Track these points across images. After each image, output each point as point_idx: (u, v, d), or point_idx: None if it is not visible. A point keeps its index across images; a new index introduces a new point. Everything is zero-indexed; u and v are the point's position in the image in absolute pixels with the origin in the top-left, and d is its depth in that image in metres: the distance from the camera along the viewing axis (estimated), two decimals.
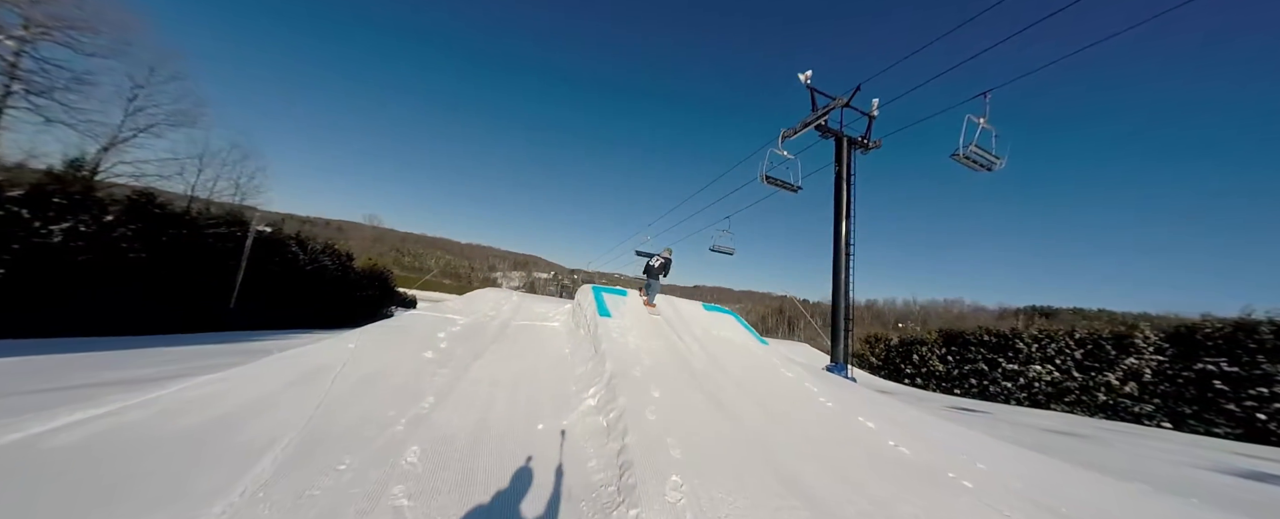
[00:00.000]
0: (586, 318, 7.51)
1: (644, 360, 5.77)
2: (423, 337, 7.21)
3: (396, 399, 4.80)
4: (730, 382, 5.72)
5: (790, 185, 11.51)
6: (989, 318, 33.32)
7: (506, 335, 7.95)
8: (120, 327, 14.52)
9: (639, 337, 6.68)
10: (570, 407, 4.96)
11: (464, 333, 7.79)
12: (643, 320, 7.50)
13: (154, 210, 17.35)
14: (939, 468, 4.52)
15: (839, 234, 11.71)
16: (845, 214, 11.70)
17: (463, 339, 7.41)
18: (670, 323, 7.87)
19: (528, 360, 6.63)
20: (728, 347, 7.14)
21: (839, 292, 11.60)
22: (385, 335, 7.00)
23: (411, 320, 8.04)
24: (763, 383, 5.93)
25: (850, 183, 11.80)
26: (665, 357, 6.12)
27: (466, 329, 8.04)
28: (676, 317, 8.21)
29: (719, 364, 6.25)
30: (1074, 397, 15.17)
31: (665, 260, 9.56)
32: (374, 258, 41.97)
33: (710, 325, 8.08)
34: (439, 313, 8.75)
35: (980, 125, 11.58)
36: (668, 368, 5.68)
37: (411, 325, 7.71)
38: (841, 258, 11.62)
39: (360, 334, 6.89)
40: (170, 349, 10.49)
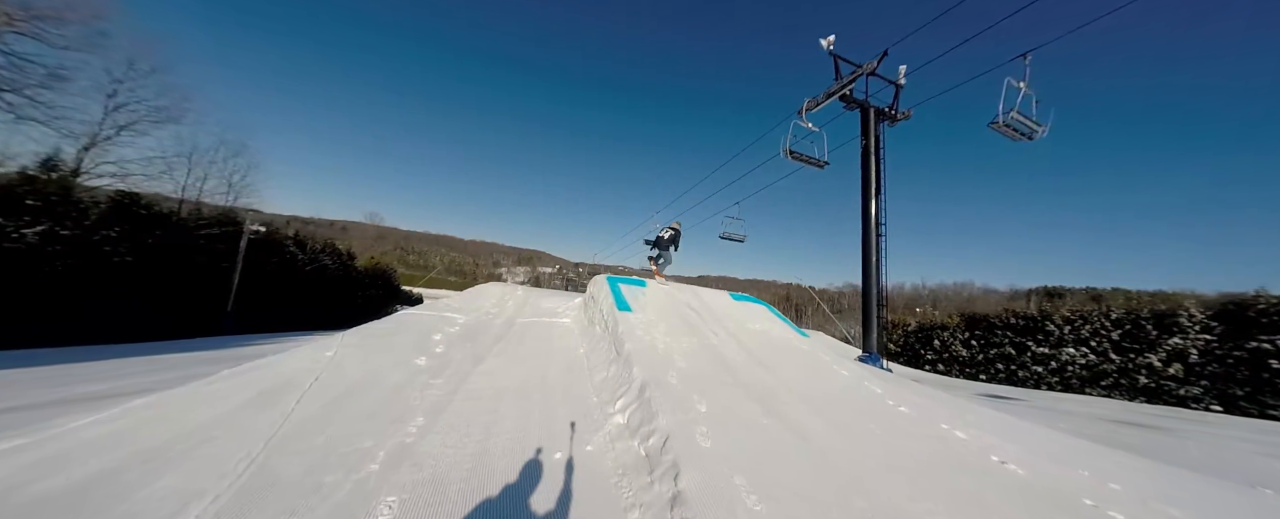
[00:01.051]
0: (602, 313, 6.43)
1: (677, 363, 4.70)
2: (415, 340, 6.15)
3: (375, 423, 3.74)
4: (781, 385, 4.65)
5: (816, 161, 10.37)
6: (1000, 300, 32.23)
7: (512, 335, 6.87)
8: (103, 335, 13.49)
9: (666, 333, 5.61)
10: (593, 424, 3.89)
11: (464, 333, 6.72)
12: (667, 313, 6.43)
13: (139, 212, 16.25)
14: (1067, 491, 3.45)
15: (868, 213, 10.58)
16: (874, 191, 10.56)
17: (462, 341, 6.34)
18: (697, 315, 6.79)
19: (537, 364, 5.56)
20: (767, 342, 6.08)
21: (870, 276, 10.50)
22: (371, 339, 5.93)
23: (404, 321, 6.97)
24: (819, 386, 4.86)
25: (879, 156, 10.65)
26: (701, 358, 5.04)
27: (467, 329, 6.96)
28: (703, 308, 7.14)
29: (764, 364, 5.18)
30: (1112, 380, 14.11)
31: (675, 232, 8.90)
32: (377, 256, 40.91)
33: (742, 318, 7.02)
34: (436, 311, 7.68)
35: (1022, 90, 10.40)
36: (707, 372, 4.60)
37: (403, 327, 6.65)
38: (872, 239, 10.51)
39: (342, 339, 5.83)
40: (145, 359, 9.44)
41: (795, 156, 10.14)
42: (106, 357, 10.12)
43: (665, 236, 8.81)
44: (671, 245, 8.74)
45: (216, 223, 19.48)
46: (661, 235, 8.93)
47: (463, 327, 7.07)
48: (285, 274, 22.44)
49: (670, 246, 8.71)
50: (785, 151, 10.11)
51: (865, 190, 10.73)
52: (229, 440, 3.22)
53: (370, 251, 41.19)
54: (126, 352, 11.23)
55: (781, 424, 3.69)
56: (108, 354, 10.49)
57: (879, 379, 5.74)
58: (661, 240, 8.79)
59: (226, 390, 4.13)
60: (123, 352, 11.16)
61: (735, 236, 18.02)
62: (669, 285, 7.84)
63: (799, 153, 10.12)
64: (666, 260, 8.89)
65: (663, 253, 8.74)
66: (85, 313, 13.59)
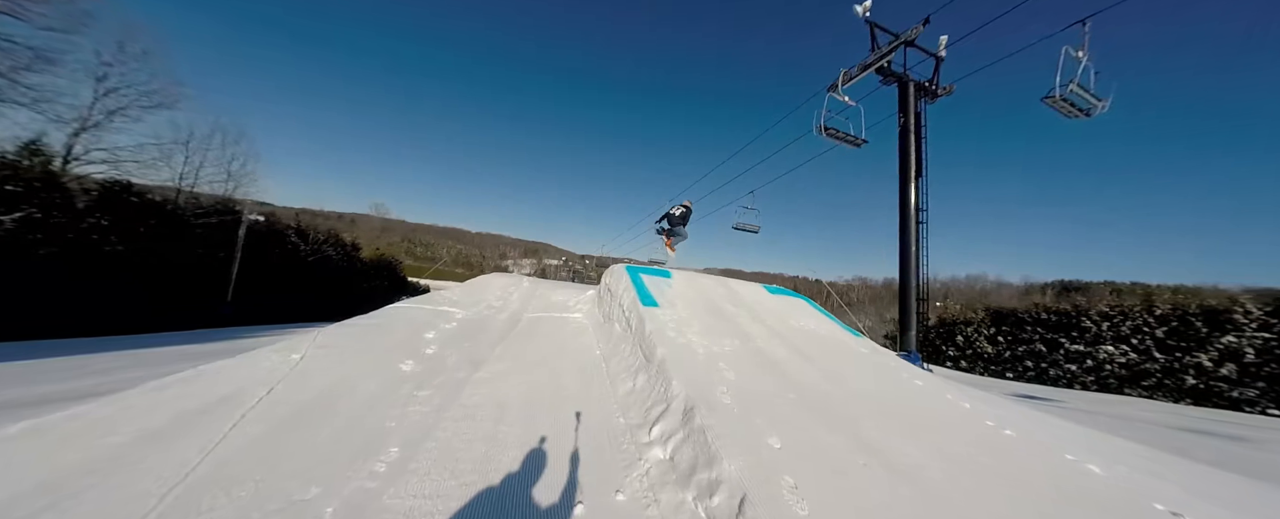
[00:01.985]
0: (622, 308, 5.38)
1: (724, 374, 3.65)
2: (403, 338, 5.12)
3: (332, 458, 2.72)
4: (856, 401, 3.60)
5: (853, 138, 9.23)
6: (1014, 293, 31.07)
7: (517, 333, 5.84)
8: (93, 327, 12.60)
9: (702, 334, 4.55)
10: (623, 458, 2.86)
11: (461, 331, 5.69)
12: (699, 309, 5.38)
13: (130, 199, 15.29)
14: None
15: (907, 197, 9.45)
16: (914, 173, 9.42)
17: (458, 340, 5.31)
18: (734, 311, 5.75)
19: (547, 370, 4.53)
20: (820, 344, 5.03)
21: (908, 268, 9.40)
22: (349, 338, 4.91)
23: (393, 315, 5.95)
24: (897, 401, 3.81)
25: (920, 135, 9.50)
26: (749, 366, 3.99)
27: (465, 326, 5.93)
28: (739, 303, 6.09)
29: (827, 373, 4.12)
30: (1155, 380, 12.98)
31: (686, 209, 8.76)
32: (383, 248, 40.02)
33: (784, 313, 5.97)
34: (431, 305, 6.65)
35: (1081, 60, 9.18)
36: (763, 387, 3.54)
37: (391, 323, 5.62)
38: (911, 226, 9.39)
39: (315, 337, 4.81)
40: (119, 354, 8.48)
41: (830, 134, 9.01)
42: (81, 351, 9.19)
43: (676, 214, 8.64)
44: (682, 223, 8.58)
45: (214, 212, 18.52)
46: (672, 213, 8.72)
47: (460, 323, 6.04)
48: (287, 265, 21.53)
49: (680, 224, 8.55)
50: (819, 129, 8.98)
51: (903, 173, 9.59)
52: (105, 493, 2.21)
53: (377, 243, 40.33)
54: (106, 345, 10.31)
55: (881, 464, 2.64)
56: (83, 348, 9.57)
57: (953, 387, 4.69)
58: (672, 218, 8.61)
59: (139, 411, 3.12)
60: (102, 345, 10.24)
61: (749, 227, 16.94)
62: (695, 275, 6.81)
63: (835, 129, 8.99)
64: (680, 237, 8.75)
65: (675, 230, 8.59)
66: (72, 304, 12.69)
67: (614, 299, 5.81)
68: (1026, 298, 28.45)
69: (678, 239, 8.98)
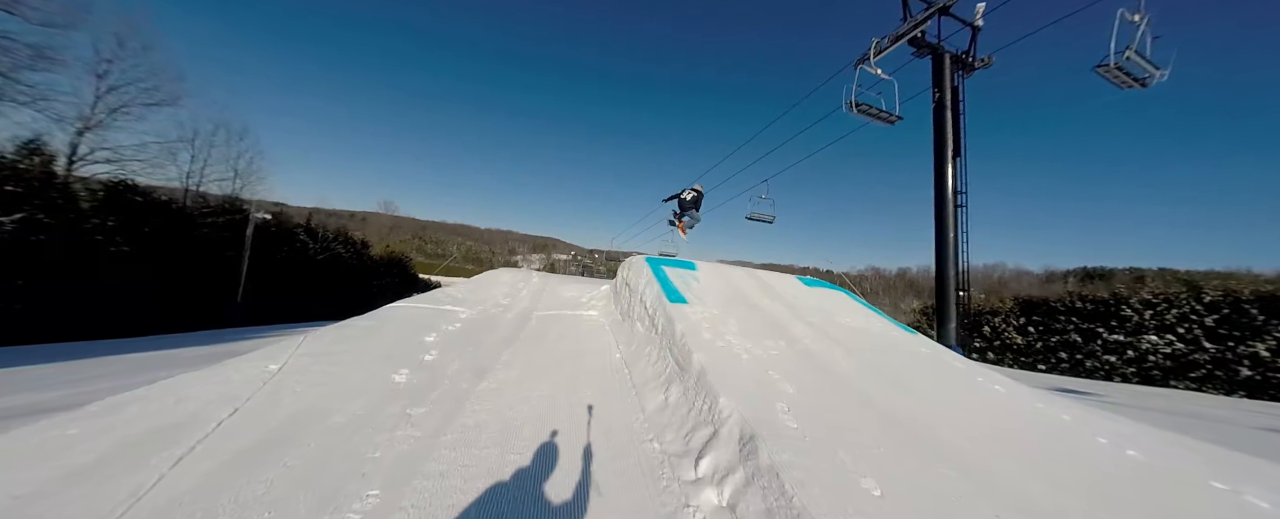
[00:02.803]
0: (645, 306, 4.69)
1: (780, 386, 2.95)
2: (399, 342, 4.49)
3: (291, 503, 2.09)
4: (944, 420, 2.88)
5: (886, 115, 8.41)
6: (1034, 281, 29.87)
7: (527, 334, 5.18)
8: (99, 329, 12.23)
9: (742, 335, 3.84)
10: (665, 503, 2.19)
11: (465, 333, 5.05)
12: (733, 305, 4.67)
13: (134, 199, 14.89)
14: None
15: (943, 179, 8.63)
16: (951, 152, 8.58)
17: (461, 344, 4.67)
18: (769, 304, 5.03)
19: (562, 380, 3.86)
20: (875, 344, 4.31)
21: (946, 254, 8.60)
22: (341, 344, 4.29)
23: (390, 316, 5.32)
24: (994, 419, 3.09)
25: (958, 111, 8.65)
26: (807, 375, 3.28)
27: (469, 327, 5.29)
28: (773, 296, 5.37)
29: (896, 382, 3.41)
30: (1204, 372, 12.05)
31: (697, 194, 8.56)
32: (393, 245, 39.73)
33: (828, 309, 5.24)
34: (433, 304, 6.02)
35: (1139, 26, 8.24)
36: (832, 403, 2.84)
37: (388, 325, 4.99)
38: (948, 210, 8.57)
39: (301, 343, 4.20)
40: (106, 360, 7.99)
41: (862, 110, 8.19)
42: (82, 355, 8.75)
43: (687, 198, 8.47)
44: (694, 206, 8.44)
45: (222, 211, 18.14)
46: (684, 197, 8.55)
47: (465, 324, 5.40)
48: (296, 263, 21.16)
49: (692, 208, 8.41)
50: (849, 105, 8.16)
51: (939, 152, 8.75)
52: None
53: (387, 241, 40.05)
54: (109, 348, 9.88)
55: (1020, 512, 1.93)
56: (84, 352, 9.13)
57: (1035, 392, 3.95)
58: (684, 201, 8.46)
59: (78, 438, 2.51)
60: (104, 349, 9.82)
61: (763, 217, 16.18)
62: (722, 266, 6.11)
63: (867, 105, 8.16)
64: (693, 220, 8.63)
65: (687, 213, 8.46)
66: (78, 306, 12.33)
67: (633, 295, 5.12)
68: (1048, 286, 27.30)
69: (691, 222, 8.79)
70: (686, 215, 8.74)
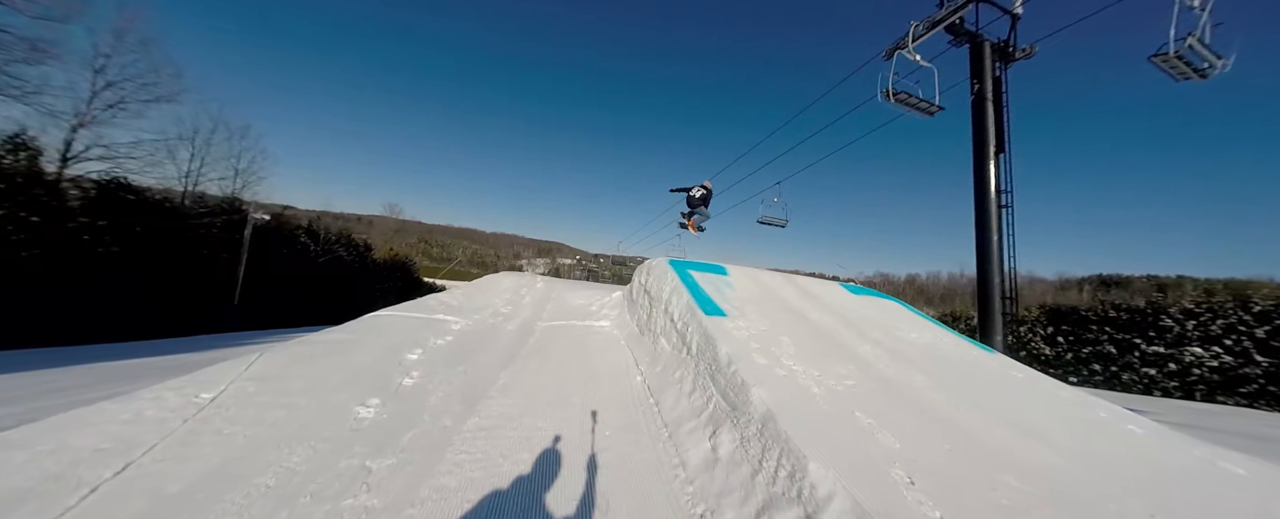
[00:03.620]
0: (673, 319, 3.82)
1: (880, 438, 2.08)
2: (376, 362, 3.65)
3: None
4: (1097, 476, 2.01)
5: (925, 105, 7.56)
6: (1048, 288, 28.79)
7: (529, 350, 4.33)
8: (81, 333, 11.47)
9: (802, 358, 2.95)
10: None
11: (456, 348, 4.20)
12: (779, 317, 3.76)
13: (127, 198, 14.19)
14: None
15: (984, 177, 7.76)
16: (994, 148, 7.72)
17: (451, 363, 3.82)
18: (817, 316, 4.17)
19: (571, 416, 3.00)
20: (956, 367, 3.42)
21: (989, 259, 7.71)
22: (301, 365, 3.45)
23: (371, 328, 4.47)
24: (1126, 458, 2.22)
25: (1001, 103, 7.80)
26: (905, 418, 2.40)
27: (462, 341, 4.44)
28: (820, 306, 4.48)
29: (1013, 421, 2.53)
30: (1256, 387, 11.04)
31: (706, 191, 8.43)
32: (398, 248, 39.02)
33: (885, 323, 4.34)
34: (423, 312, 5.17)
35: (1201, 13, 7.43)
36: (960, 465, 1.97)
37: (366, 338, 4.15)
38: (990, 210, 7.70)
39: (252, 363, 3.37)
40: (100, 366, 7.19)
41: (899, 100, 7.36)
42: (47, 363, 7.96)
43: (696, 195, 8.36)
44: (703, 204, 8.34)
45: (220, 211, 17.43)
46: (693, 194, 8.42)
47: (458, 337, 4.55)
48: (296, 266, 20.41)
49: (701, 204, 8.33)
50: (885, 94, 7.32)
51: (979, 148, 7.89)
52: None
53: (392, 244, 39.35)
54: (81, 356, 9.08)
55: None
56: (51, 360, 8.34)
57: (1160, 428, 3.07)
58: (692, 199, 8.37)
59: None
60: (75, 356, 9.01)
61: (775, 221, 15.38)
62: (754, 270, 5.26)
63: (905, 94, 7.32)
64: (702, 218, 8.51)
65: (696, 210, 8.36)
66: (61, 309, 11.58)
67: (655, 305, 4.27)
68: (1064, 293, 26.26)
69: (701, 220, 8.58)
70: (696, 213, 8.55)
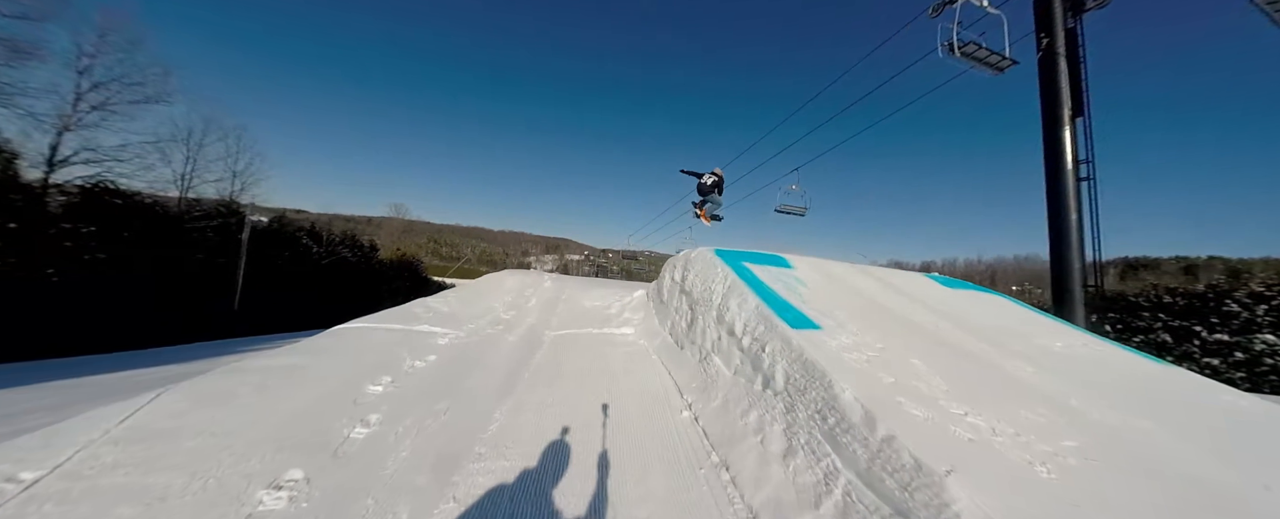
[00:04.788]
0: (737, 332, 2.65)
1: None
2: (319, 402, 2.55)
3: None
4: None
5: (996, 59, 6.31)
6: None
7: (535, 370, 3.22)
8: (65, 345, 10.58)
9: (962, 398, 1.83)
10: None
11: (437, 375, 3.10)
12: (886, 328, 2.60)
13: (114, 202, 13.25)
14: None
15: (1057, 146, 6.53)
16: (1069, 111, 6.48)
17: (428, 397, 2.71)
18: (934, 321, 3.00)
19: (589, 492, 1.90)
20: (1152, 393, 2.29)
21: (1066, 243, 6.50)
22: (207, 408, 2.35)
23: (331, 347, 3.38)
24: None
25: (1078, 59, 6.56)
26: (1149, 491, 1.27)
27: (448, 361, 3.34)
28: (926, 307, 3.30)
29: None
30: None
31: (717, 178, 8.15)
32: (404, 248, 38.14)
33: (1017, 327, 3.18)
34: (404, 323, 4.07)
35: None
36: None
37: (319, 361, 3.05)
38: (1067, 184, 6.47)
39: (137, 408, 2.31)
40: (73, 383, 6.19)
41: (966, 53, 6.12)
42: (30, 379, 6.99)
43: (708, 182, 8.08)
44: (715, 191, 8.10)
45: (216, 214, 16.48)
46: (704, 181, 8.11)
47: (444, 354, 3.44)
48: (299, 268, 19.47)
49: (713, 191, 8.09)
50: (949, 47, 6.08)
51: (1050, 112, 6.64)
52: None
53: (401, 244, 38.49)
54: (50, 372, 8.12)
55: None
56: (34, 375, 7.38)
57: None
58: (704, 186, 8.11)
59: None
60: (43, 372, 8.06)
61: (794, 209, 14.19)
62: (818, 261, 4.13)
63: (975, 46, 6.07)
64: (715, 206, 8.33)
65: (708, 198, 8.13)
66: (39, 319, 10.69)
67: (702, 310, 3.12)
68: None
69: (713, 209, 8.31)
70: (707, 202, 8.21)
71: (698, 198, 8.60)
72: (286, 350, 3.31)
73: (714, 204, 8.47)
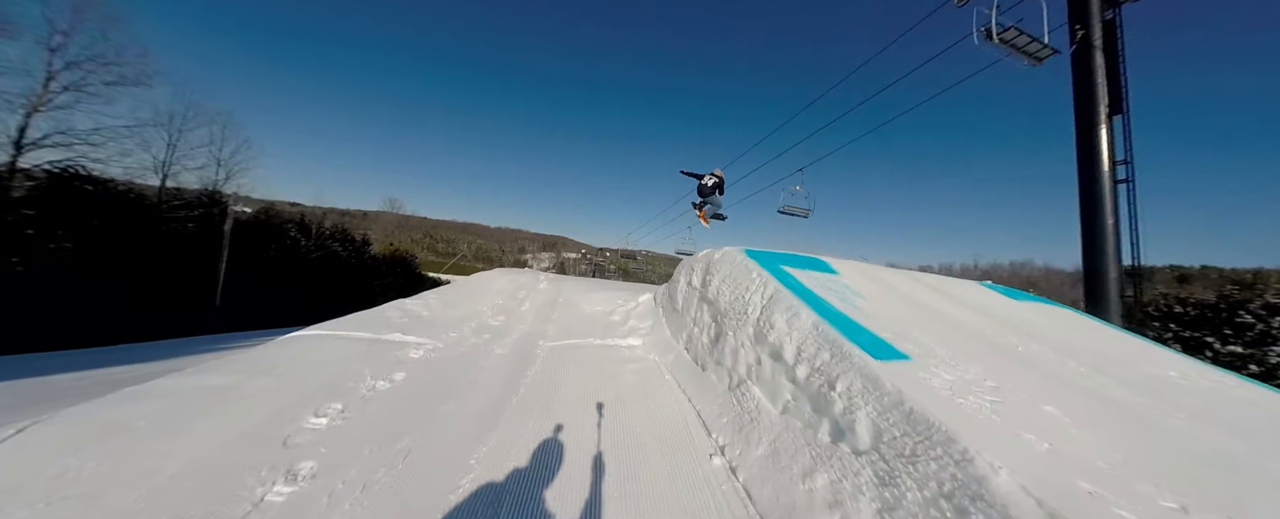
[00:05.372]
0: (785, 356, 2.07)
1: None
2: (231, 446, 1.89)
3: None
4: None
5: (1037, 47, 5.75)
6: (1067, 280, 27.00)
7: (524, 394, 2.59)
8: (22, 340, 9.76)
9: (1146, 474, 1.30)
10: None
11: (402, 401, 2.45)
12: (985, 359, 2.06)
13: (84, 189, 12.39)
14: None
15: (1093, 145, 5.99)
16: (1107, 109, 5.96)
17: (382, 439, 2.07)
18: (1020, 341, 2.44)
19: None
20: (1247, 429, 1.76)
21: (1101, 249, 5.97)
22: (64, 459, 1.74)
23: (270, 366, 2.73)
24: None
25: (1115, 52, 6.04)
26: None
27: (418, 380, 2.70)
28: (1000, 323, 2.74)
29: None
30: None
31: (718, 179, 8.09)
32: (403, 243, 37.18)
33: (1117, 355, 2.67)
34: (372, 332, 3.41)
35: None
36: None
37: (250, 384, 2.42)
38: (1102, 186, 5.95)
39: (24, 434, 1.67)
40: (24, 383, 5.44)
41: (1005, 40, 5.56)
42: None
43: (708, 184, 8.01)
44: (716, 191, 7.99)
45: (197, 205, 15.63)
46: (704, 182, 8.05)
47: (416, 371, 2.80)
48: (286, 262, 18.61)
49: (714, 192, 7.99)
50: (985, 33, 5.52)
51: (1085, 108, 6.11)
52: None
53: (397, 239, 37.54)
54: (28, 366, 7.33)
55: None
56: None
57: None
58: (704, 187, 8.05)
59: None
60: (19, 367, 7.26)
61: (797, 211, 13.61)
62: (864, 265, 3.57)
63: (1014, 30, 5.50)
64: (715, 207, 8.27)
65: (708, 199, 8.06)
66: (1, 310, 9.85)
67: (733, 325, 2.51)
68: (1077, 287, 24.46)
69: (712, 210, 8.22)
70: (707, 203, 8.09)
71: (698, 199, 8.50)
72: (218, 365, 2.65)
73: (714, 205, 8.39)
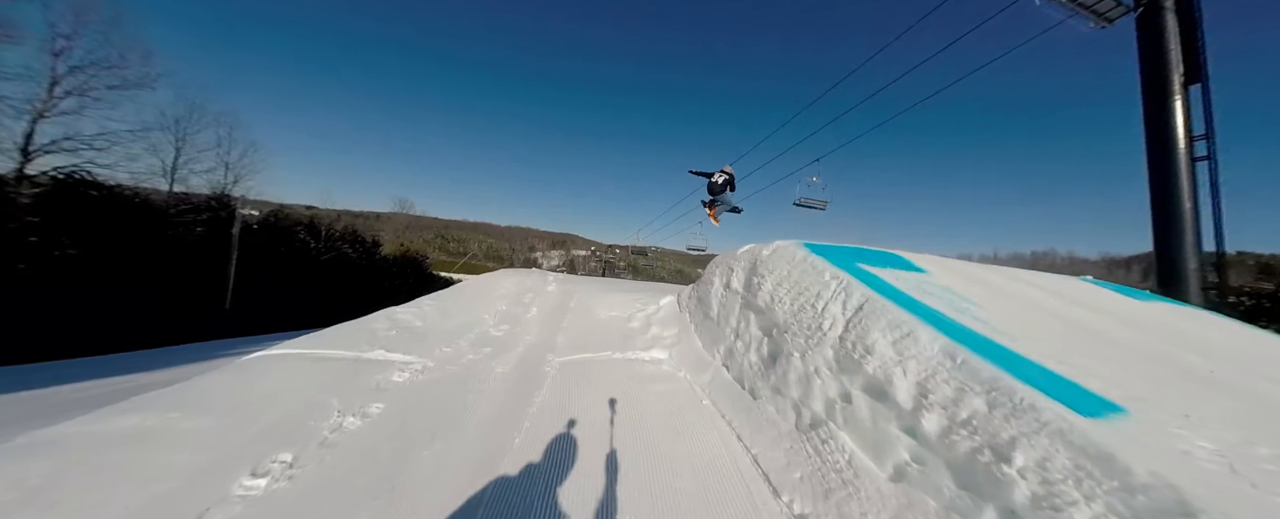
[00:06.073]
0: (906, 395, 1.43)
1: None
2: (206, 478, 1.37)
3: None
4: None
5: (1105, 8, 5.02)
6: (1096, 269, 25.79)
7: (529, 430, 2.01)
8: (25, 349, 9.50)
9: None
10: None
11: (376, 442, 1.90)
12: (1214, 404, 1.45)
13: (89, 194, 12.10)
14: None
15: (1164, 118, 5.24)
16: (1182, 78, 5.20)
17: (346, 505, 1.55)
18: (1180, 355, 1.81)
19: None
20: None
21: (1178, 234, 5.22)
22: None
23: (212, 400, 2.19)
24: None
25: (1190, 13, 5.25)
26: None
27: (399, 413, 2.14)
28: (1140, 329, 2.09)
29: None
30: None
31: (728, 176, 8.07)
32: (414, 244, 36.96)
33: (1233, 350, 2.03)
34: (352, 350, 2.86)
35: None
36: None
37: (189, 420, 1.89)
38: (1178, 164, 5.19)
39: None
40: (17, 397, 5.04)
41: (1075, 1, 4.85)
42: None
43: (718, 181, 8.00)
44: (727, 188, 7.99)
45: (205, 209, 15.33)
46: (714, 180, 8.01)
47: (398, 397, 2.23)
48: (297, 265, 18.34)
49: (725, 189, 7.99)
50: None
51: (1155, 78, 5.35)
52: None
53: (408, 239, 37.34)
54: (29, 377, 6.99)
55: None
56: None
57: None
58: (715, 185, 8.03)
59: None
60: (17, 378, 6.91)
61: (815, 203, 12.89)
62: (955, 263, 2.95)
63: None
64: (725, 205, 8.28)
65: (719, 197, 8.05)
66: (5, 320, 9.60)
67: (803, 342, 1.85)
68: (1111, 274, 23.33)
69: (722, 208, 8.22)
70: (717, 201, 8.04)
71: (708, 197, 8.39)
72: (155, 400, 2.10)
73: (726, 201, 8.31)
